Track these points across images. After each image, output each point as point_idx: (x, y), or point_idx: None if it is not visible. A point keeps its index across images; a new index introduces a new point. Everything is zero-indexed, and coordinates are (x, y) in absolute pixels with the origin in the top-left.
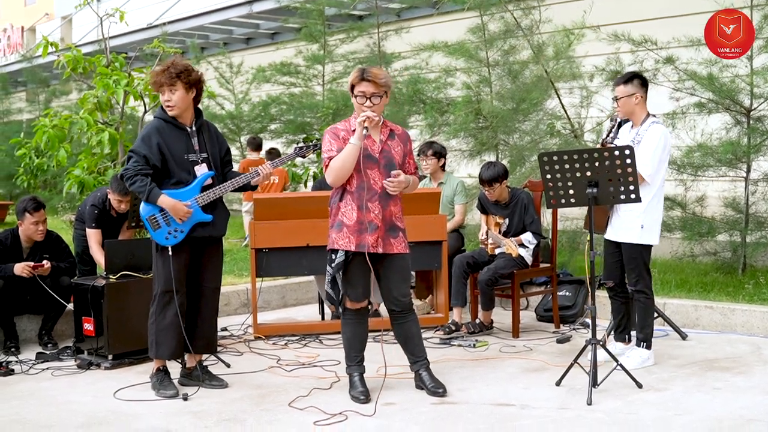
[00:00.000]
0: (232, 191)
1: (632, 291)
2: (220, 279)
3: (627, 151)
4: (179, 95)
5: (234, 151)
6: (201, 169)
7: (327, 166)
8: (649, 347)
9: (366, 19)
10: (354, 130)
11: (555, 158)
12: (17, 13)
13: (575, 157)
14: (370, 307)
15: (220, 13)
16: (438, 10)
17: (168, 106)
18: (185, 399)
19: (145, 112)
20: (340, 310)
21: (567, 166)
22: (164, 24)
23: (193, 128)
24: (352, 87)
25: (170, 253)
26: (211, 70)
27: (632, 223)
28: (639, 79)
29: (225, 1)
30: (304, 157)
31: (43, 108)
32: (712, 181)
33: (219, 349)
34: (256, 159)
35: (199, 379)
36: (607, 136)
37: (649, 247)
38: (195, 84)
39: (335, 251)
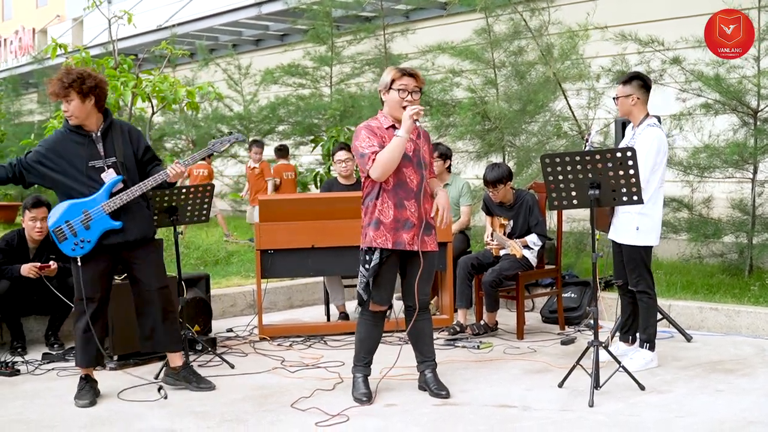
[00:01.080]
0: (149, 191)
1: (635, 291)
2: (162, 278)
3: (629, 153)
4: (75, 105)
5: (242, 153)
6: (108, 175)
7: (373, 160)
8: (652, 348)
9: (373, 20)
10: (387, 127)
11: (557, 160)
12: (29, 15)
13: (577, 158)
14: (390, 312)
15: (230, 14)
16: (448, 11)
17: (67, 117)
18: (165, 398)
19: (153, 113)
20: (360, 309)
21: (569, 167)
22: (174, 26)
23: (98, 134)
24: (392, 82)
25: (79, 263)
26: (220, 72)
27: (628, 225)
28: (639, 81)
29: (234, 3)
30: (218, 152)
31: (54, 109)
32: (719, 182)
33: (224, 350)
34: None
35: (186, 380)
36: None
37: (648, 248)
38: (91, 91)
39: (371, 251)
